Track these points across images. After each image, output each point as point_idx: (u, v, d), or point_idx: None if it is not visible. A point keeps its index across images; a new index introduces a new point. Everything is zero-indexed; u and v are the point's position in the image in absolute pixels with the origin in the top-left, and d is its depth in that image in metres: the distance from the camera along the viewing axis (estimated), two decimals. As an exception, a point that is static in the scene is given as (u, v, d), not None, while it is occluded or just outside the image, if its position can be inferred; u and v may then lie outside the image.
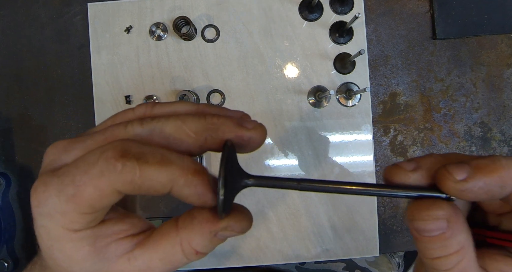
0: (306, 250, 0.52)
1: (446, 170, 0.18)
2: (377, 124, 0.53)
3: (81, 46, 0.54)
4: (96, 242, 0.18)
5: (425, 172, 0.20)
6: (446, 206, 0.18)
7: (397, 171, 0.20)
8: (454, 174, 0.18)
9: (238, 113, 0.21)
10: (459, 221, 0.18)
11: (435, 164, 0.20)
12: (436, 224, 0.18)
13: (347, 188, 0.19)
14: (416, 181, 0.19)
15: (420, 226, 0.18)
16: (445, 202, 0.19)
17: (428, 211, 0.18)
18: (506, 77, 0.53)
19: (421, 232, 0.19)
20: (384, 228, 0.54)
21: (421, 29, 0.53)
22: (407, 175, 0.20)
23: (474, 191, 0.18)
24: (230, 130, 0.19)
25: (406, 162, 0.20)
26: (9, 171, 0.54)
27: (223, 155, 0.18)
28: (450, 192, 0.18)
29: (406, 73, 0.53)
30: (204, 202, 0.18)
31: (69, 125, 0.54)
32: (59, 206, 0.17)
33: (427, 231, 0.18)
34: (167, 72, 0.53)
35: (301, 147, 0.52)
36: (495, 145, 0.53)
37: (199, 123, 0.18)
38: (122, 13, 0.53)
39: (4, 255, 0.52)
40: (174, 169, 0.17)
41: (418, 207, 0.19)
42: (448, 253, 0.18)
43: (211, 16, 0.52)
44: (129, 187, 0.17)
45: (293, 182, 0.20)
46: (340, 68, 0.52)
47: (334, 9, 0.52)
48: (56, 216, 0.17)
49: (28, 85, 0.54)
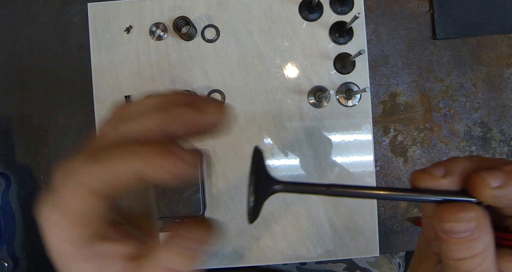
0: (306, 250, 0.52)
1: (481, 177, 0.19)
2: (377, 124, 0.53)
3: (81, 46, 0.54)
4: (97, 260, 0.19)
5: (455, 179, 0.20)
6: (477, 209, 0.19)
7: (427, 177, 0.20)
8: (489, 181, 0.18)
9: None
10: (487, 223, 0.19)
11: (464, 169, 0.20)
12: (466, 226, 0.18)
13: (376, 193, 0.19)
14: (447, 187, 0.20)
15: (451, 228, 0.19)
16: (475, 205, 0.19)
17: (460, 213, 0.18)
18: (506, 77, 0.53)
19: (449, 234, 0.19)
20: (384, 228, 0.54)
21: (421, 29, 0.53)
22: (438, 182, 0.20)
23: (509, 198, 0.18)
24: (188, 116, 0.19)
25: (434, 167, 0.20)
26: (9, 171, 0.54)
27: (253, 161, 0.18)
28: (485, 198, 0.19)
29: (406, 73, 0.53)
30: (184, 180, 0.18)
31: (69, 125, 0.54)
32: (55, 220, 0.18)
33: (457, 233, 0.19)
34: (167, 72, 0.53)
35: (301, 147, 0.52)
36: (495, 145, 0.53)
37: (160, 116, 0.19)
38: (122, 13, 0.53)
39: (4, 255, 0.52)
40: (136, 158, 0.17)
41: (449, 209, 0.19)
42: (473, 254, 0.19)
43: (211, 16, 0.52)
44: (104, 185, 0.17)
45: (322, 188, 0.19)
46: (340, 68, 0.52)
47: (334, 9, 0.52)
48: (56, 231, 0.18)
49: (28, 85, 0.54)
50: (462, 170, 0.20)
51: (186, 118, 0.19)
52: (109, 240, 0.20)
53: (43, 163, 0.54)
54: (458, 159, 0.21)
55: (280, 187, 0.20)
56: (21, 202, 0.54)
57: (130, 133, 0.19)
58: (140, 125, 0.19)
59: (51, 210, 0.18)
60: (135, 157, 0.17)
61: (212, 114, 0.19)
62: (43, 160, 0.54)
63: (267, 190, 0.19)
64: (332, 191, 0.19)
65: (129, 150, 0.18)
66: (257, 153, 0.19)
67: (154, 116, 0.19)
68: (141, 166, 0.17)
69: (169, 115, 0.19)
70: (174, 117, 0.19)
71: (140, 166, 0.17)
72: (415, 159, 0.54)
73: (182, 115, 0.19)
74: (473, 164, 0.20)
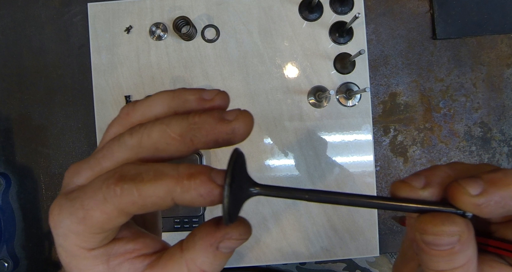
0: (306, 250, 0.52)
1: (460, 185, 0.18)
2: (377, 124, 0.53)
3: (81, 46, 0.54)
4: (109, 261, 0.19)
5: (435, 189, 0.19)
6: (461, 222, 0.18)
7: (406, 189, 0.19)
8: (468, 189, 0.18)
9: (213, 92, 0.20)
10: (470, 236, 0.18)
11: (444, 178, 0.19)
12: (448, 239, 0.18)
13: (355, 200, 0.19)
14: (427, 198, 0.19)
15: (431, 241, 0.18)
16: (459, 218, 0.18)
17: (442, 226, 0.18)
18: (506, 77, 0.53)
19: (430, 246, 0.18)
20: (384, 228, 0.54)
21: (421, 29, 0.53)
22: (417, 193, 0.19)
23: (490, 206, 0.18)
24: (212, 128, 0.18)
25: (414, 177, 0.20)
26: (9, 171, 0.54)
27: (230, 163, 0.18)
28: (465, 207, 0.18)
29: (406, 73, 0.53)
30: (212, 201, 0.18)
31: (69, 125, 0.54)
32: (72, 227, 0.18)
33: (438, 245, 0.18)
34: (167, 72, 0.53)
35: (301, 147, 0.52)
36: (495, 145, 0.53)
37: (182, 124, 0.18)
38: (122, 13, 0.53)
39: (4, 255, 0.52)
40: (168, 180, 0.17)
41: (431, 221, 0.18)
42: (454, 267, 0.18)
43: (211, 16, 0.52)
44: (133, 207, 0.18)
45: (301, 193, 0.19)
46: (340, 68, 0.52)
47: (334, 9, 0.52)
48: (71, 236, 0.18)
49: (28, 85, 0.54)
50: (441, 180, 0.19)
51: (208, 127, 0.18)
52: (121, 240, 0.20)
53: (43, 163, 0.54)
54: (439, 168, 0.20)
55: (257, 190, 0.19)
56: (21, 202, 0.54)
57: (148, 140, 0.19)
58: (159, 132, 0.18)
59: (68, 218, 0.18)
60: (168, 180, 0.17)
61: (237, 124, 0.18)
62: (43, 160, 0.54)
63: (244, 193, 0.19)
64: (311, 197, 0.19)
65: (161, 172, 0.18)
66: (235, 155, 0.18)
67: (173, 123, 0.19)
68: (174, 190, 0.17)
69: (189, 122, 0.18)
70: (196, 125, 0.18)
71: (173, 190, 0.17)
72: (415, 159, 0.54)
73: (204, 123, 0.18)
74: (454, 173, 0.20)
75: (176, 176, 0.17)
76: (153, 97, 0.20)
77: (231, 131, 0.18)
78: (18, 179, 0.54)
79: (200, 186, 0.17)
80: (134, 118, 0.20)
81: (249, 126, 0.19)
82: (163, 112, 0.20)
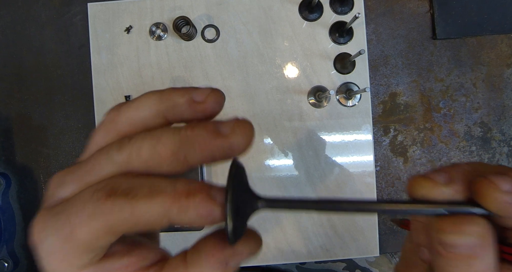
0: (306, 249, 0.52)
1: (490, 181, 0.16)
2: (377, 124, 0.53)
3: (81, 46, 0.54)
4: None
5: (460, 186, 0.17)
6: (482, 223, 0.17)
7: (427, 184, 0.18)
8: (500, 185, 0.16)
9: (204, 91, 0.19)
10: (491, 241, 0.17)
11: (467, 175, 0.18)
12: (468, 240, 0.16)
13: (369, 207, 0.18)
14: (450, 196, 0.17)
15: (451, 241, 0.17)
16: (480, 218, 0.17)
17: (462, 225, 0.16)
18: (506, 77, 0.53)
19: (448, 248, 0.17)
20: (384, 228, 0.54)
21: (421, 29, 0.53)
22: (440, 190, 0.17)
23: None
24: (207, 143, 0.16)
25: (435, 173, 0.18)
26: (9, 171, 0.54)
27: (229, 178, 0.16)
28: (495, 205, 0.16)
29: (406, 73, 0.53)
30: (212, 222, 0.16)
31: (69, 125, 0.54)
32: (57, 245, 0.17)
33: (456, 247, 0.16)
34: (167, 72, 0.53)
35: (301, 147, 0.52)
36: (495, 145, 0.53)
37: (174, 139, 0.17)
38: (122, 13, 0.53)
39: (4, 255, 0.52)
40: (164, 198, 0.16)
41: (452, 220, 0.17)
42: None
43: (211, 16, 0.52)
44: (124, 226, 0.16)
45: (310, 204, 0.18)
46: (340, 68, 0.52)
47: (334, 9, 0.52)
48: (57, 254, 0.17)
49: (28, 85, 0.54)
50: (465, 177, 0.18)
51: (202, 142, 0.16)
52: (114, 255, 0.18)
53: (43, 163, 0.54)
54: (461, 165, 0.19)
55: (262, 205, 0.18)
56: (21, 202, 0.54)
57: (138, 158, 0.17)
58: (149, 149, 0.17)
59: (53, 234, 0.17)
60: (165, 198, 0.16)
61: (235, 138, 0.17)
62: (43, 160, 0.54)
63: (248, 209, 0.18)
64: (321, 207, 0.18)
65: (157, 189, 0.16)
66: (234, 168, 0.17)
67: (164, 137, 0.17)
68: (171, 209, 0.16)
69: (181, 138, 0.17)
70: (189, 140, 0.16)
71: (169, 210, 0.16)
72: (415, 159, 0.54)
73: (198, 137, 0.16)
74: (477, 170, 0.18)
75: (173, 193, 0.16)
76: (139, 100, 0.18)
77: (228, 146, 0.17)
78: (18, 179, 0.54)
79: (199, 205, 0.16)
80: (120, 124, 0.18)
81: (248, 139, 0.17)
82: (151, 116, 0.18)
